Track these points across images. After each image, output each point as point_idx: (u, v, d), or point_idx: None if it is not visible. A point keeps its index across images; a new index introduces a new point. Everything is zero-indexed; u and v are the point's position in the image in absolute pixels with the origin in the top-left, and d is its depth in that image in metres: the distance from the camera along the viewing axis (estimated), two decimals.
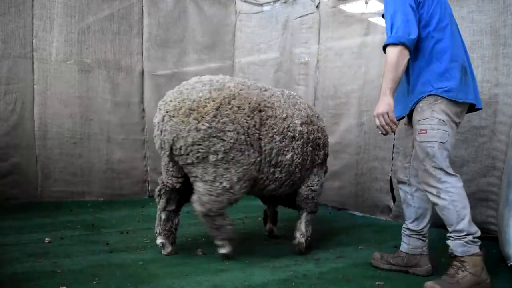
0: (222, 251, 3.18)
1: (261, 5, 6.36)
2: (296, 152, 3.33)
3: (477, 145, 4.10)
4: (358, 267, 3.17)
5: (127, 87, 5.65)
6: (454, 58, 2.73)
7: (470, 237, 2.64)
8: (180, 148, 2.98)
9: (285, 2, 6.05)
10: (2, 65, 4.79)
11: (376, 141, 4.95)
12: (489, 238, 3.79)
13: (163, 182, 3.35)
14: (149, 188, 5.82)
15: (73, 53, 5.23)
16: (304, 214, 3.60)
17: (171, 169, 3.20)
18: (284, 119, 3.27)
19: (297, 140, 3.33)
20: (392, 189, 4.78)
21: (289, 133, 3.27)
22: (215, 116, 2.92)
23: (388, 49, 2.70)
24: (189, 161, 3.00)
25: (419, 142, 2.75)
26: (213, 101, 2.96)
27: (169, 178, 3.24)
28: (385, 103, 2.68)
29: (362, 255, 3.46)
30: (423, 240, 3.05)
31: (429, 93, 2.73)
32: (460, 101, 2.71)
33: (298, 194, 3.58)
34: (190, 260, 3.17)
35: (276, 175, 3.29)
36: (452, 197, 2.65)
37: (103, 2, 5.41)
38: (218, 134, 2.94)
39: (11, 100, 4.86)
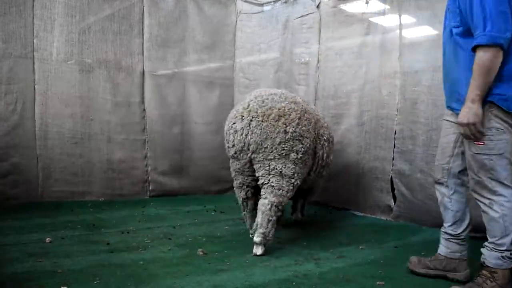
0: (258, 252, 3.41)
1: (261, 5, 6.35)
2: (332, 153, 4.22)
3: None
4: (358, 267, 3.16)
5: (127, 87, 5.65)
6: None
7: (507, 253, 2.59)
8: (266, 147, 3.49)
9: (285, 2, 6.04)
10: (3, 65, 4.79)
11: (376, 141, 4.94)
12: None
13: (244, 184, 3.74)
14: (150, 188, 5.83)
15: (73, 53, 5.23)
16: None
17: (247, 170, 3.66)
18: (326, 127, 4.10)
19: (333, 144, 4.24)
20: (393, 189, 4.78)
21: (330, 138, 4.11)
22: (298, 124, 3.55)
23: (480, 50, 2.44)
24: (270, 156, 3.50)
25: (474, 153, 2.59)
26: (295, 111, 3.60)
27: (247, 178, 3.70)
28: (473, 113, 2.48)
29: (363, 255, 3.46)
30: (462, 244, 2.90)
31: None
32: None
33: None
34: (191, 260, 3.17)
35: (323, 173, 4.17)
36: (504, 211, 2.56)
37: (104, 2, 5.41)
38: (300, 138, 3.56)
39: (11, 100, 4.86)
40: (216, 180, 6.41)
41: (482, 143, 2.54)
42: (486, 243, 2.68)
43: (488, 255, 2.64)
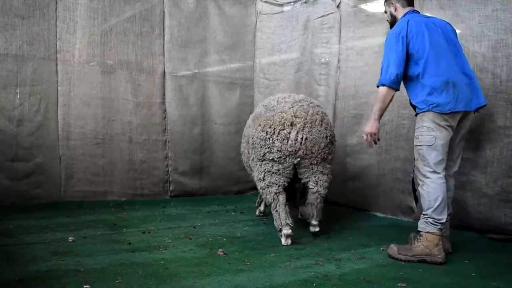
0: (315, 229, 3.89)
1: (281, 5, 6.35)
2: None
3: (502, 145, 4.02)
4: (380, 268, 3.14)
5: (149, 88, 5.70)
6: (437, 80, 3.28)
7: (431, 220, 3.28)
8: (313, 152, 3.70)
9: (305, 2, 6.03)
10: (27, 67, 4.88)
11: (397, 141, 4.89)
12: None
13: (277, 184, 3.80)
14: (170, 188, 5.87)
15: (95, 54, 5.30)
16: None
17: (287, 172, 3.78)
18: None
19: None
20: (414, 190, 4.72)
21: None
22: (331, 127, 3.87)
23: (379, 87, 3.49)
24: (314, 161, 3.75)
25: (415, 145, 3.42)
26: (326, 115, 3.90)
27: (285, 179, 3.80)
28: (375, 126, 3.46)
29: (384, 256, 3.42)
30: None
31: (424, 110, 3.33)
32: (448, 112, 3.26)
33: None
34: (211, 260, 3.18)
35: None
36: (428, 190, 3.31)
37: (125, 4, 5.46)
38: (333, 140, 3.88)
39: (35, 101, 4.94)
40: (236, 180, 6.43)
41: (417, 138, 3.37)
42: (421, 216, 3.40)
43: (420, 223, 3.39)
